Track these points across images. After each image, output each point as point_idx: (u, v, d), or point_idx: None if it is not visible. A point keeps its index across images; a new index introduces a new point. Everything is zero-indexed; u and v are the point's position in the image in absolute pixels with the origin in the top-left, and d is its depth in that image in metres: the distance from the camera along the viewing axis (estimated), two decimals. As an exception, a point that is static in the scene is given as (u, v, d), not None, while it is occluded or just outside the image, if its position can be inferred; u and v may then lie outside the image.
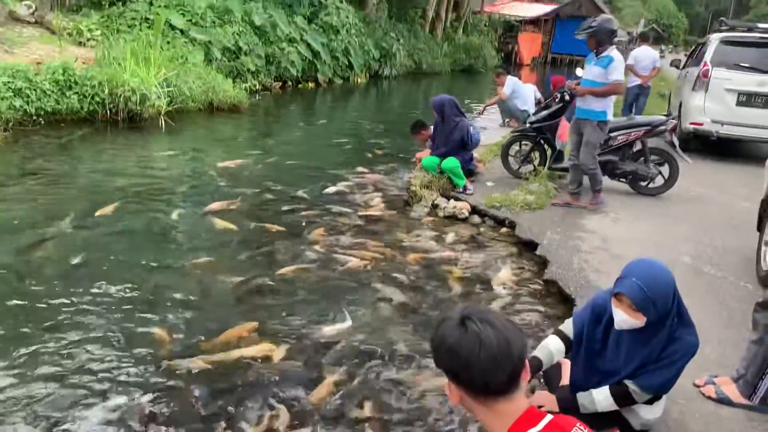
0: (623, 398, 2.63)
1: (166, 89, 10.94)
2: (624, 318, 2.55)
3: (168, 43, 12.97)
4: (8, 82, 9.24)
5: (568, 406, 2.69)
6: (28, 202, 6.38)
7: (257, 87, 15.45)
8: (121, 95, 10.22)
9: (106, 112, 10.29)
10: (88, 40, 12.80)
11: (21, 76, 9.45)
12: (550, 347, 2.88)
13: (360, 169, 8.59)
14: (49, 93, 9.71)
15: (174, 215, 6.24)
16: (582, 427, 1.55)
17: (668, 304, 2.49)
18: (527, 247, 5.81)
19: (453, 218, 6.61)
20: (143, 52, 11.33)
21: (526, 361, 1.55)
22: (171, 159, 8.76)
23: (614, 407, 2.66)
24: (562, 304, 4.68)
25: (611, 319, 2.64)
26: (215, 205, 6.51)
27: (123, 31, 13.21)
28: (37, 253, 5.09)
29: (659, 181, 7.36)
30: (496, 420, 1.53)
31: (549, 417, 1.54)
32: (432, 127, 7.60)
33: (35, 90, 9.57)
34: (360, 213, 6.59)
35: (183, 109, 11.43)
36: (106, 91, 10.16)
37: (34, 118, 9.51)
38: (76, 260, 4.99)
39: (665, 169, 7.31)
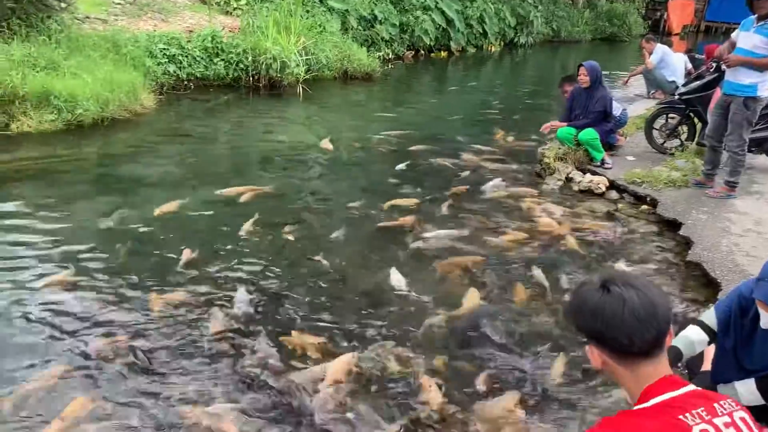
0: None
1: (304, 57, 11.29)
2: None
3: (307, 11, 13.32)
4: (164, 48, 9.97)
5: None
6: (179, 162, 6.87)
7: (390, 56, 15.54)
8: (263, 62, 10.70)
9: (249, 78, 10.84)
10: (234, 9, 13.43)
11: (175, 43, 10.18)
12: (692, 337, 2.67)
13: (490, 139, 8.42)
14: (198, 59, 10.37)
15: (311, 182, 6.47)
16: (733, 403, 1.47)
17: None
18: (669, 226, 5.46)
19: (588, 193, 6.34)
20: (284, 20, 11.73)
21: (671, 325, 1.51)
22: (306, 127, 9.06)
23: (760, 402, 2.43)
24: (704, 288, 4.38)
25: (758, 313, 2.40)
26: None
27: (266, 0, 13.74)
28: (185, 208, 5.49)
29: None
30: (637, 383, 1.50)
31: (691, 386, 1.47)
32: (569, 94, 7.24)
33: (187, 56, 10.26)
34: (491, 185, 6.46)
35: (319, 77, 11.76)
36: (250, 59, 10.69)
37: (185, 82, 10.20)
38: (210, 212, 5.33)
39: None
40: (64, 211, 5.30)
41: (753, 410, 2.44)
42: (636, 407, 1.47)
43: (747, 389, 2.43)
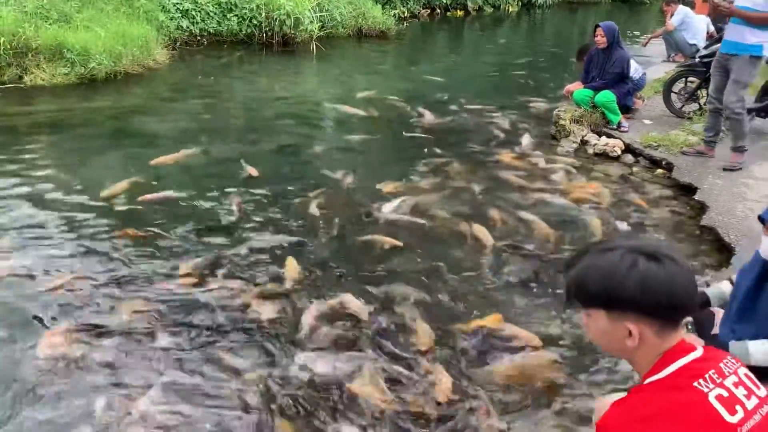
0: None
1: (318, 14, 11.14)
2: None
3: (322, -33, 13.11)
4: (177, 3, 9.85)
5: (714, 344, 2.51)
6: (193, 117, 6.86)
7: (405, 14, 15.30)
8: (276, 19, 10.58)
9: (262, 35, 10.73)
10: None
11: (188, -3, 10.06)
12: (723, 288, 2.69)
13: (505, 100, 8.33)
14: (212, 15, 10.27)
15: (318, 138, 6.45)
16: (734, 360, 1.48)
17: None
18: (684, 191, 5.41)
19: (603, 156, 6.28)
20: (298, -24, 11.56)
21: None
22: (321, 85, 8.99)
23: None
24: (717, 253, 4.34)
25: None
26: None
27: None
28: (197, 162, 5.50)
29: None
30: (659, 350, 1.47)
31: (700, 349, 1.47)
32: (586, 55, 7.12)
33: (200, 11, 10.16)
34: (504, 148, 6.41)
35: (333, 34, 11.63)
36: (263, 15, 10.56)
37: (198, 38, 10.12)
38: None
39: None
40: (77, 165, 5.33)
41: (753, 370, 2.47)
42: (652, 378, 1.45)
43: (759, 349, 2.42)
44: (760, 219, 2.43)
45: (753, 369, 1.56)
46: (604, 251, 1.51)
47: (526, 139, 6.67)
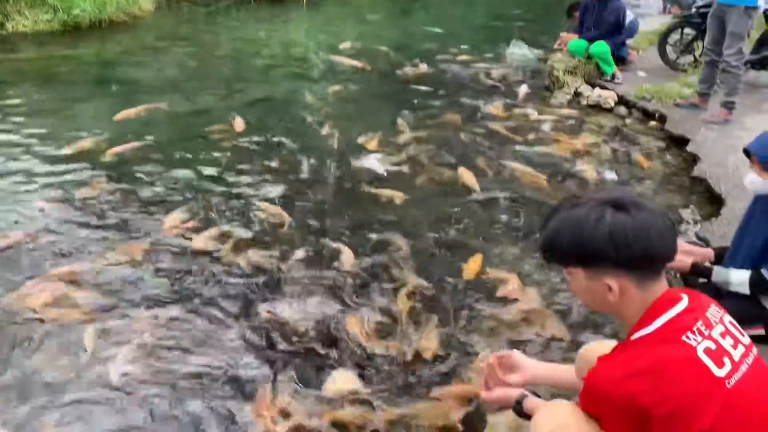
0: (755, 286, 2.38)
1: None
2: (752, 178, 2.39)
3: None
4: (162, -52, 9.56)
5: (702, 273, 2.52)
6: (178, 66, 6.72)
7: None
8: (265, -35, 10.29)
9: (251, -18, 10.44)
10: None
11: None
12: None
13: (496, 51, 8.18)
14: (198, -39, 9.96)
15: (306, 88, 6.34)
16: (717, 308, 1.47)
17: None
18: (676, 143, 5.36)
19: (596, 108, 6.20)
20: None
21: None
22: (310, 34, 8.81)
23: (745, 292, 2.41)
24: (708, 204, 4.32)
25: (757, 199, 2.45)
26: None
27: None
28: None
29: None
30: (644, 303, 1.45)
31: (686, 299, 1.45)
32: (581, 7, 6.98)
33: (186, -43, 9.86)
34: (496, 99, 6.31)
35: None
36: (252, -40, 10.26)
37: (184, -14, 9.86)
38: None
39: None
40: (61, 113, 5.22)
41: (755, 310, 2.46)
42: (640, 333, 1.42)
43: (739, 278, 2.41)
44: (745, 151, 2.42)
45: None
46: (573, 207, 1.48)
47: (522, 90, 6.56)
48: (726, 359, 1.37)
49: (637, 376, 1.33)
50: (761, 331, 2.47)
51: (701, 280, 2.60)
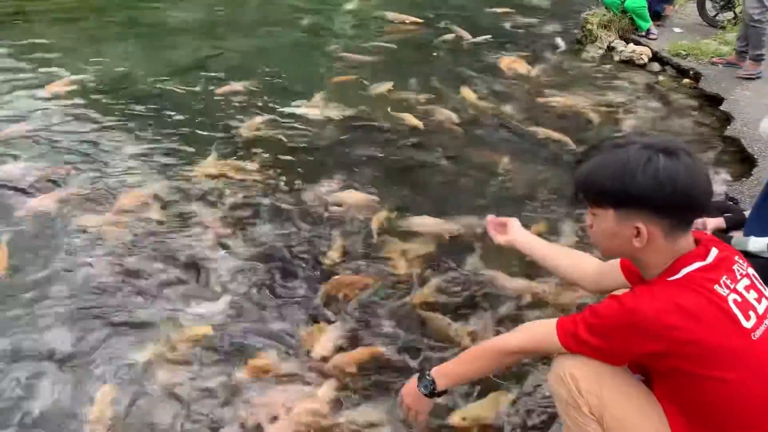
0: None
1: None
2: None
3: None
4: None
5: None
6: (207, 9, 6.67)
7: None
8: None
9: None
10: None
11: None
12: None
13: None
14: None
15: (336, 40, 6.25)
16: (742, 261, 1.47)
17: None
18: (710, 101, 5.25)
19: (629, 63, 6.05)
20: None
21: None
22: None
23: (763, 255, 2.39)
24: (740, 163, 4.26)
25: None
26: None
27: None
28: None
29: None
30: (671, 255, 1.43)
31: (715, 251, 1.44)
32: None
33: None
34: (524, 51, 6.17)
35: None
36: None
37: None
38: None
39: None
40: (85, 55, 5.26)
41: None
42: (671, 279, 1.41)
43: (758, 245, 2.39)
44: None
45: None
46: (617, 148, 1.46)
47: (559, 42, 6.42)
48: (752, 312, 1.39)
49: (678, 313, 1.34)
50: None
51: None
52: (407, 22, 6.60)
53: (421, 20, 6.60)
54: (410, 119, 4.48)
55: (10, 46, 5.35)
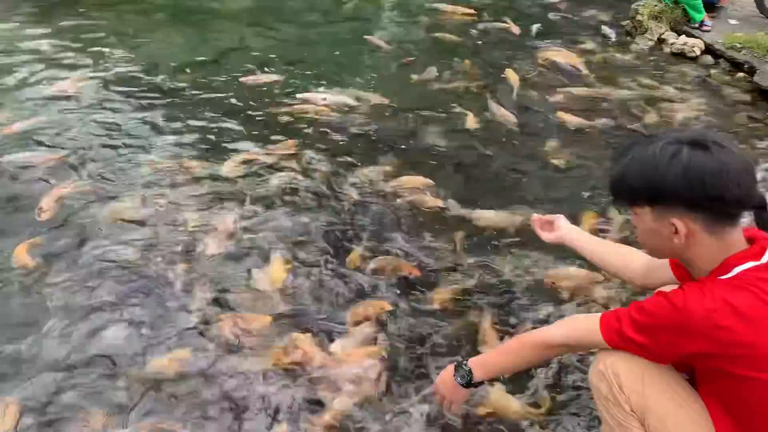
0: None
1: None
2: None
3: None
4: None
5: None
6: None
7: None
8: None
9: None
10: None
11: None
12: None
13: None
14: None
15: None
16: None
17: None
18: (764, 97, 5.09)
19: (681, 56, 5.89)
20: None
21: None
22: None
23: None
24: (792, 162, 4.14)
25: None
26: None
27: None
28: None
29: None
30: (720, 253, 1.40)
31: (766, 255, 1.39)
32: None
33: None
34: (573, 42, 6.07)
35: None
36: None
37: None
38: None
39: None
40: (140, 41, 5.39)
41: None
42: (722, 277, 1.38)
43: None
44: None
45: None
46: (648, 144, 1.43)
47: (609, 32, 6.30)
48: None
49: (730, 313, 1.31)
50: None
51: None
52: (459, 12, 6.53)
53: (473, 11, 6.53)
54: (459, 108, 4.51)
55: (59, 30, 5.49)
